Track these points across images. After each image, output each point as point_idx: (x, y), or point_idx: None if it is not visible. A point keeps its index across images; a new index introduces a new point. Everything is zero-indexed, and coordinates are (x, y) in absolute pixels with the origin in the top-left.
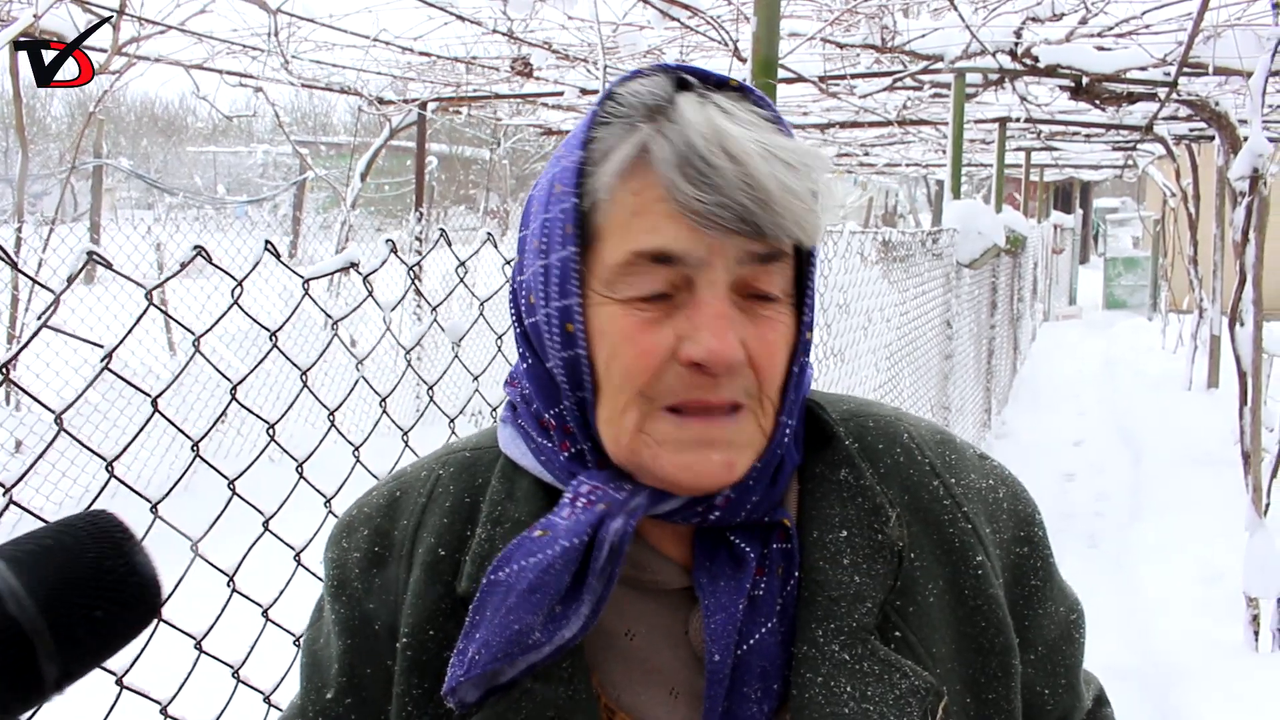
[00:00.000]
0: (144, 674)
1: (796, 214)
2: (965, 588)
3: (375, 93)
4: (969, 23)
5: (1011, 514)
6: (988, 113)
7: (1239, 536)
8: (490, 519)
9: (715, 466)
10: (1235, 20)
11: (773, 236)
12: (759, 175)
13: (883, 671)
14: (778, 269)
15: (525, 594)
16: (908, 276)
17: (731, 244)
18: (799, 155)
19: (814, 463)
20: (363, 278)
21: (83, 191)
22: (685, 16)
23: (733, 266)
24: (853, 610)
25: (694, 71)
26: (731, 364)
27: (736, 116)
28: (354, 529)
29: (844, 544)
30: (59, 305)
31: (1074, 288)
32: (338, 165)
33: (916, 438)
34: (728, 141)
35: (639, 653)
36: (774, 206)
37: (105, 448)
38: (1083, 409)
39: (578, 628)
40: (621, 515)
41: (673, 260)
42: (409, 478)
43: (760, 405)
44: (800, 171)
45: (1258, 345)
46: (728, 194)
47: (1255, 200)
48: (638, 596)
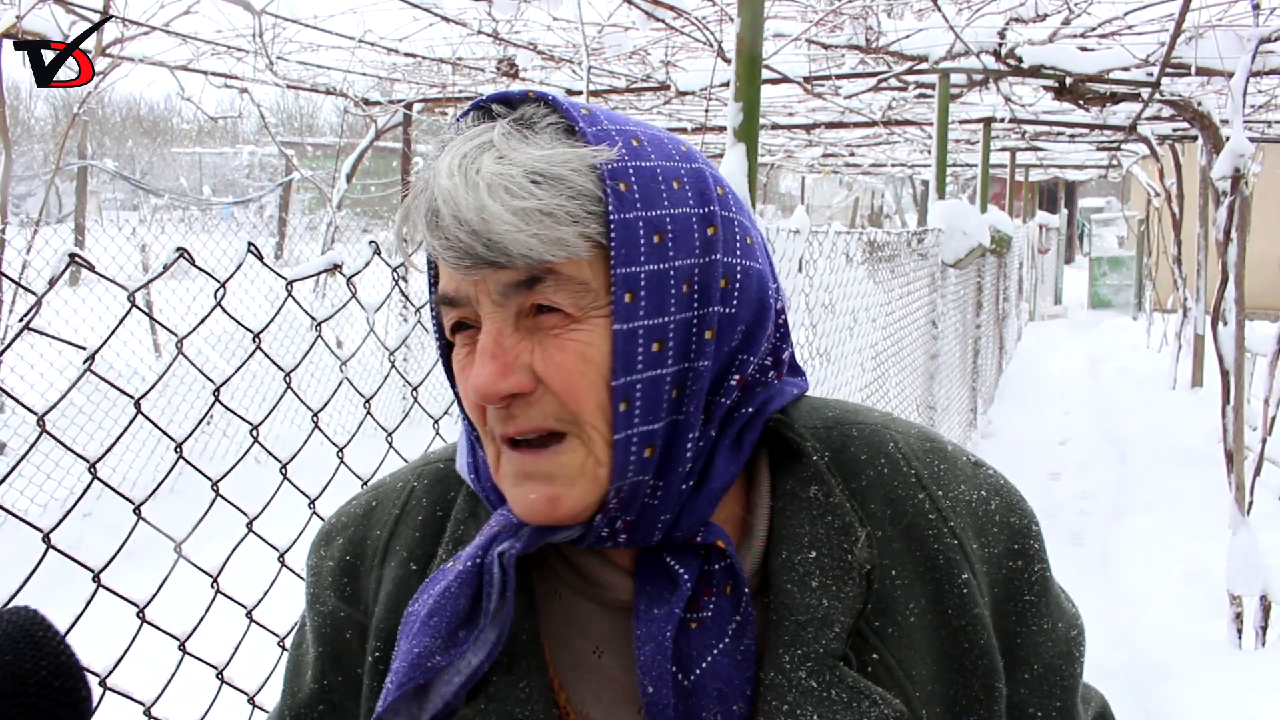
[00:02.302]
0: (127, 675)
1: (502, 232)
2: (949, 607)
3: (361, 94)
4: (953, 23)
5: (1004, 526)
6: (972, 113)
7: (1222, 534)
8: (452, 539)
9: (538, 502)
10: (1217, 21)
11: (509, 264)
12: (464, 210)
13: (851, 699)
14: (557, 285)
15: (425, 619)
16: (893, 276)
17: (489, 277)
18: (510, 166)
19: (784, 479)
20: (346, 279)
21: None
22: (670, 17)
23: (501, 298)
24: (820, 635)
25: (503, 97)
26: (493, 395)
27: (485, 149)
28: (331, 538)
29: (813, 565)
30: (41, 307)
31: (1059, 287)
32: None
33: (903, 447)
34: (439, 181)
35: (608, 670)
36: (481, 232)
37: (90, 450)
38: (1068, 408)
39: (483, 655)
40: (510, 539)
41: (456, 302)
42: (386, 488)
43: (581, 431)
44: (505, 184)
45: (1240, 344)
46: (449, 235)
47: (1237, 200)
48: (604, 614)
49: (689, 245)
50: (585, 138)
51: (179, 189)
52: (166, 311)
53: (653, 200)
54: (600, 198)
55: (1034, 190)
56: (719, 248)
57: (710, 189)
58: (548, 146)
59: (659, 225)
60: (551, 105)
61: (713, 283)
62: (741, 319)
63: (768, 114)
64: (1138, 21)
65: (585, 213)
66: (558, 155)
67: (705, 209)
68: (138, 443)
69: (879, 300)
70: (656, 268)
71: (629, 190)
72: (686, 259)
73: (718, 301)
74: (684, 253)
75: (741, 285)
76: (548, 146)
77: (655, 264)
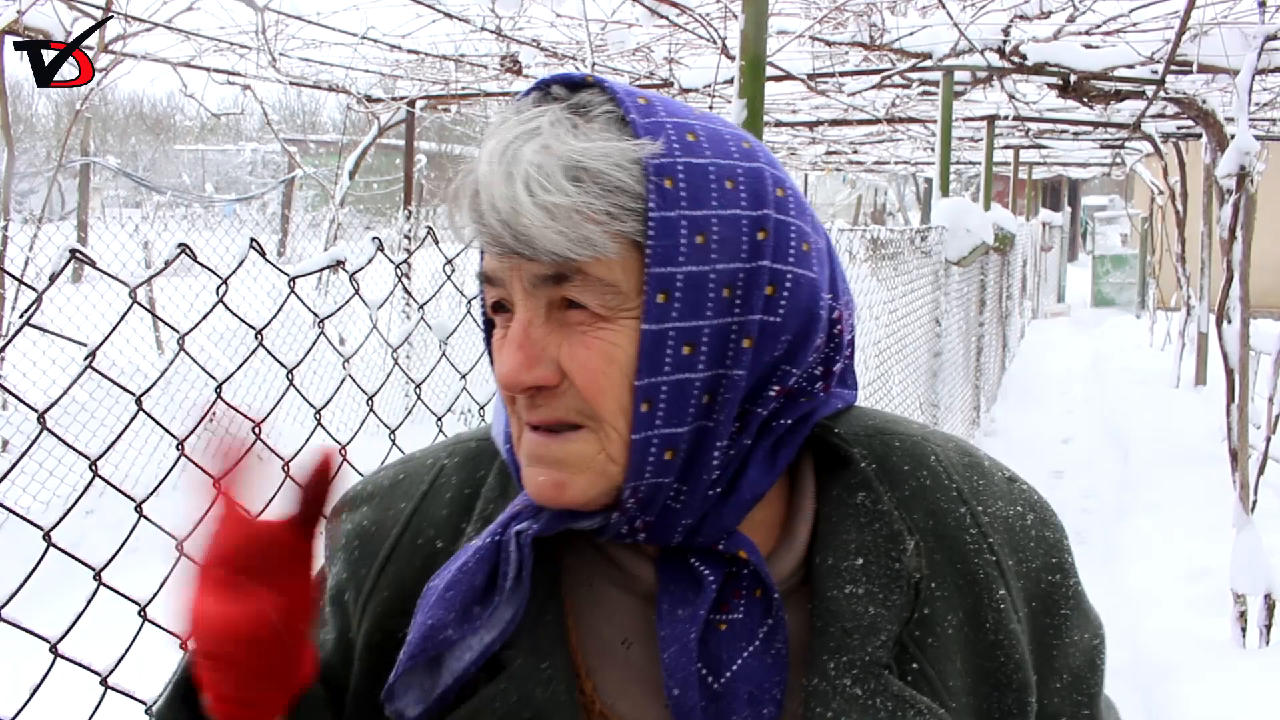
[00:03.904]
0: (129, 674)
1: (531, 226)
2: (986, 620)
3: (364, 91)
4: (957, 20)
5: (1040, 541)
6: (976, 111)
7: (1226, 533)
8: (481, 516)
9: (545, 485)
10: (1222, 18)
11: (535, 257)
12: (499, 199)
13: (896, 708)
14: (584, 283)
15: (441, 593)
16: (896, 274)
17: (522, 266)
18: (548, 157)
19: (830, 485)
20: (349, 275)
21: (70, 190)
22: (674, 14)
23: (532, 288)
24: (866, 643)
25: (565, 80)
26: (516, 385)
27: (533, 136)
28: (355, 505)
29: (859, 571)
30: (42, 304)
31: (1062, 285)
32: (326, 163)
33: (944, 460)
34: (481, 166)
35: (636, 662)
36: (517, 228)
37: (92, 447)
38: (1071, 406)
39: (496, 633)
40: (529, 519)
41: (494, 281)
42: (415, 463)
43: (600, 427)
44: (539, 177)
45: (1244, 342)
46: (485, 220)
47: (1242, 198)
48: (634, 605)
49: (734, 249)
50: (635, 129)
51: (181, 186)
52: (169, 308)
53: (700, 199)
54: (641, 194)
55: (1037, 188)
56: (768, 253)
57: (768, 191)
58: (594, 138)
59: (703, 226)
60: (609, 93)
61: (756, 289)
62: (787, 329)
63: (771, 111)
64: (1142, 19)
65: (622, 210)
66: (597, 148)
67: (758, 211)
68: (140, 440)
69: (882, 298)
70: (696, 269)
71: (674, 187)
72: (730, 263)
73: (760, 309)
74: (728, 256)
75: (790, 294)
76: (594, 138)
77: (695, 265)
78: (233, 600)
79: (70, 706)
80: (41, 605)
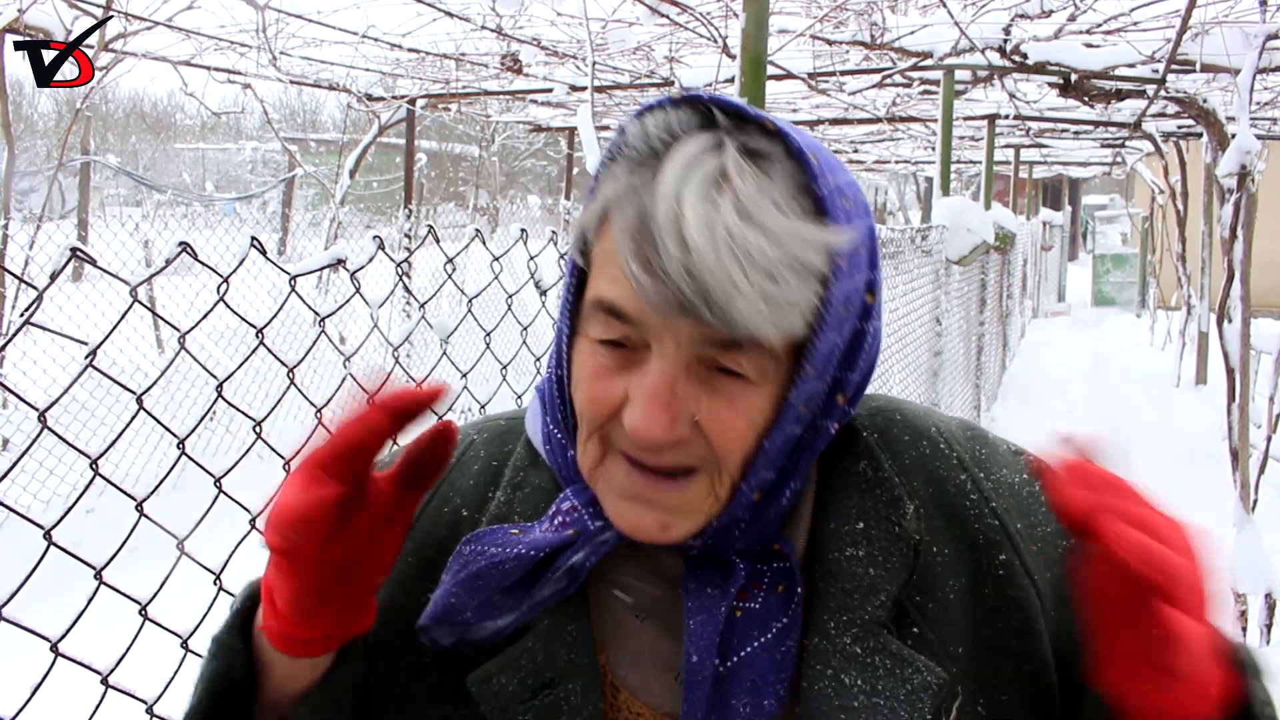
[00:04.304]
0: (129, 673)
1: (745, 312)
2: (986, 586)
3: (364, 89)
4: (958, 19)
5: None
6: (977, 110)
7: (1226, 533)
8: (511, 483)
9: (650, 526)
10: (1223, 17)
11: (724, 331)
12: (702, 268)
13: (894, 666)
14: (755, 355)
15: (471, 577)
16: (897, 273)
17: (684, 324)
18: (773, 246)
19: (832, 456)
20: (350, 274)
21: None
22: (674, 13)
23: (687, 345)
24: (865, 602)
25: (728, 107)
26: (657, 445)
27: (721, 187)
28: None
29: (860, 535)
30: (43, 302)
31: (1063, 284)
32: (327, 162)
33: (945, 431)
34: (683, 225)
35: (649, 637)
36: (717, 301)
37: (92, 446)
38: (1071, 405)
39: (510, 619)
40: (587, 547)
41: (625, 318)
42: None
43: (717, 472)
44: (765, 266)
45: (1245, 342)
46: (669, 282)
47: (1243, 197)
48: (652, 581)
49: (855, 312)
50: (825, 206)
51: (182, 185)
52: (169, 307)
53: (853, 273)
54: (827, 278)
55: (1037, 187)
56: (874, 315)
57: (876, 249)
58: (789, 212)
59: (849, 299)
60: (781, 138)
61: (859, 351)
62: (861, 378)
63: (772, 110)
64: (1143, 18)
65: (813, 294)
66: (813, 238)
67: (870, 273)
68: (140, 439)
69: (883, 297)
70: (834, 338)
71: (845, 266)
72: (851, 326)
73: (855, 367)
74: (851, 320)
75: (871, 347)
76: (789, 212)
77: (835, 334)
78: (319, 487)
79: (71, 706)
80: (42, 604)
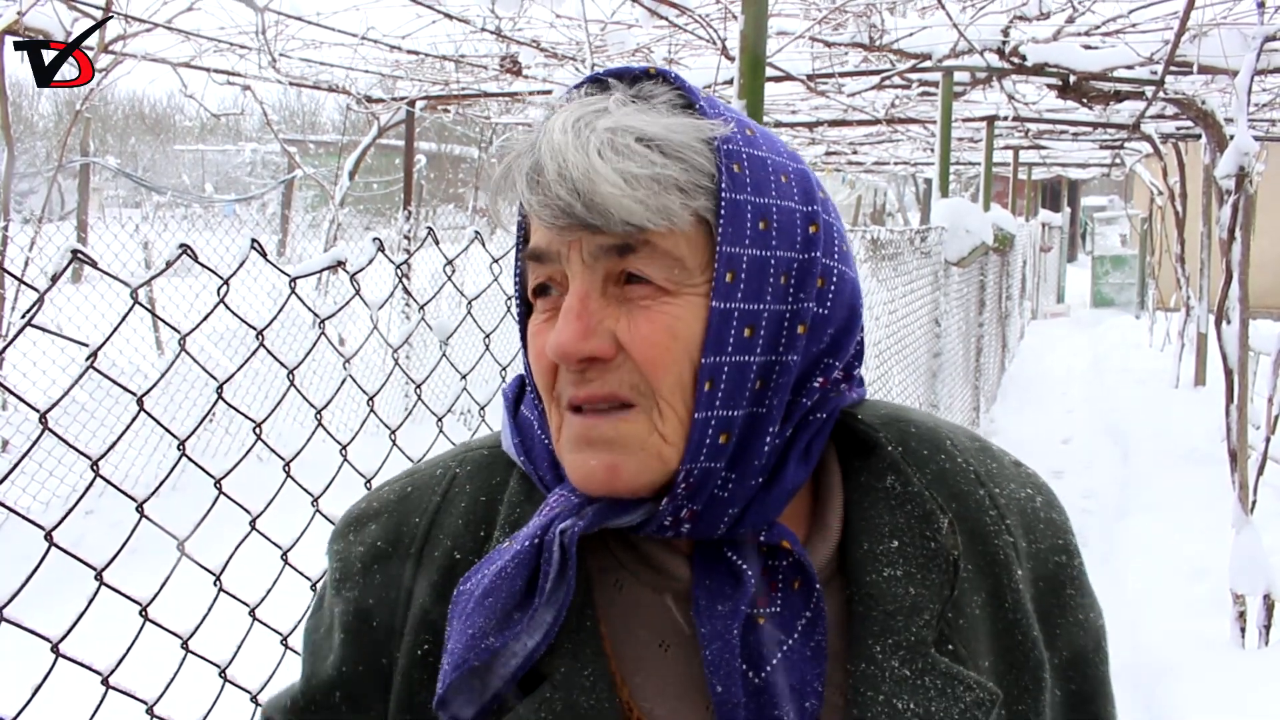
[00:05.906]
0: (130, 673)
1: (618, 202)
2: (1006, 600)
3: (363, 91)
4: (956, 21)
5: (1049, 523)
6: (975, 111)
7: (1225, 533)
8: (508, 522)
9: (598, 470)
10: (1221, 19)
11: (606, 227)
12: (571, 167)
13: (945, 685)
14: (651, 256)
15: (480, 599)
16: (896, 275)
17: (584, 239)
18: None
19: (858, 471)
20: (350, 276)
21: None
22: (673, 15)
23: (592, 261)
24: (910, 623)
25: (629, 75)
26: (572, 355)
27: (600, 116)
28: (362, 523)
29: (896, 554)
30: (43, 304)
31: (1062, 286)
32: (326, 164)
33: (958, 444)
34: (561, 145)
35: (675, 665)
36: (592, 197)
37: (92, 447)
38: (1071, 407)
39: (539, 637)
40: (571, 518)
41: (544, 258)
42: (423, 475)
43: (655, 405)
44: (625, 146)
45: (1244, 343)
46: (550, 191)
47: (1241, 198)
48: (670, 605)
49: (791, 238)
50: (703, 113)
51: (181, 186)
52: (169, 309)
53: (762, 187)
54: (713, 174)
55: (1036, 188)
56: (819, 247)
57: (815, 190)
58: (665, 115)
59: (766, 213)
60: (672, 82)
61: (810, 280)
62: (832, 322)
63: (771, 112)
64: (1142, 20)
65: (695, 186)
66: (676, 123)
67: (809, 207)
68: (140, 440)
69: (882, 298)
70: (759, 254)
71: (741, 172)
72: (788, 251)
73: (813, 299)
74: (786, 245)
75: (836, 288)
76: (665, 115)
77: (758, 250)
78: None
79: (71, 706)
80: (42, 605)
